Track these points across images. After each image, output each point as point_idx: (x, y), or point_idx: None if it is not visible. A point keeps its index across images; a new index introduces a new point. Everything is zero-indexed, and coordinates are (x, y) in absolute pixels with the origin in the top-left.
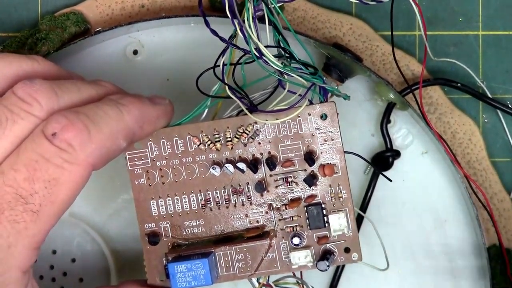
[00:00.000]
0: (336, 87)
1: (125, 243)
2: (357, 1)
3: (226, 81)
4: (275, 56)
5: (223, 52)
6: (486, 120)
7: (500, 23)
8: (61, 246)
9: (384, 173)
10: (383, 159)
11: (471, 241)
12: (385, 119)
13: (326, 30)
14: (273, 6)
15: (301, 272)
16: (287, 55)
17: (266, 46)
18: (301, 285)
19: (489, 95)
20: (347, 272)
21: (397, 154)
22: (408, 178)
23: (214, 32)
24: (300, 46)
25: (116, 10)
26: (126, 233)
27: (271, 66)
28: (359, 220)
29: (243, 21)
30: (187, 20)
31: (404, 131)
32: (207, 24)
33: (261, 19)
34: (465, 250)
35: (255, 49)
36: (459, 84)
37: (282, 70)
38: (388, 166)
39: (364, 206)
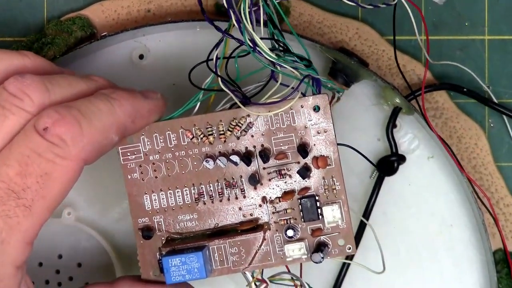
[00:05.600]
0: (334, 84)
1: (131, 247)
2: (363, 6)
3: (219, 74)
4: (270, 49)
5: (217, 45)
6: (492, 125)
7: (506, 28)
8: (67, 250)
9: (390, 177)
10: (388, 164)
11: (477, 245)
12: (391, 123)
13: (332, 34)
14: None
15: (301, 271)
16: (281, 47)
17: (261, 38)
18: (295, 281)
19: (495, 100)
20: (350, 277)
21: (402, 158)
22: (414, 182)
23: (210, 21)
24: (304, 50)
25: (122, 14)
26: (132, 238)
27: (265, 57)
28: (362, 224)
29: (239, 12)
30: (193, 24)
31: (410, 136)
32: (203, 12)
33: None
34: (471, 255)
35: (249, 40)
36: (465, 89)
37: (276, 62)
38: (393, 170)
39: (368, 210)
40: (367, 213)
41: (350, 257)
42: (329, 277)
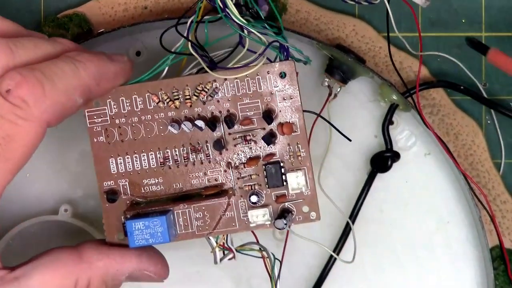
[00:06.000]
0: (302, 54)
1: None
2: (352, 2)
3: (189, 38)
4: (241, 15)
5: (190, 10)
6: (489, 122)
7: (503, 25)
8: None
9: (387, 174)
10: (381, 160)
11: (474, 242)
12: (387, 120)
13: (329, 31)
14: None
15: (282, 257)
16: (250, 13)
17: (235, 4)
18: (262, 252)
19: (492, 97)
20: (347, 273)
21: (396, 155)
22: (410, 179)
23: None
24: (303, 46)
25: (119, 11)
26: None
27: (234, 20)
28: (352, 219)
29: None
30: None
31: (407, 133)
32: None
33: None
34: (468, 252)
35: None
36: (461, 87)
37: (244, 26)
38: (387, 167)
39: (358, 205)
40: (356, 208)
41: (336, 251)
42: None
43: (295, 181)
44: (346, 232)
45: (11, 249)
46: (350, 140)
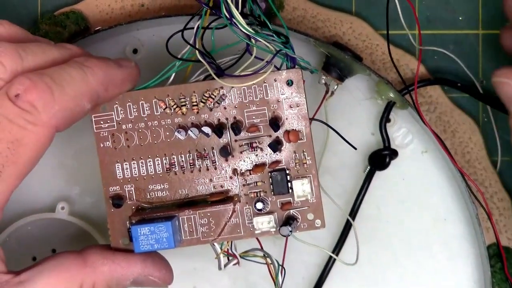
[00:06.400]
0: (309, 64)
1: None
2: None
3: (196, 45)
4: (248, 23)
5: (195, 16)
6: (486, 119)
7: (500, 22)
8: (60, 245)
9: (384, 172)
10: (379, 158)
11: (471, 240)
12: (384, 118)
13: (326, 29)
14: None
15: (283, 259)
16: (257, 22)
17: (241, 14)
18: (266, 258)
19: (489, 95)
20: (345, 272)
21: (394, 153)
22: (408, 177)
23: None
24: (300, 44)
25: (116, 9)
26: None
27: (242, 30)
28: (351, 217)
29: None
30: (187, 19)
31: (404, 130)
32: None
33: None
34: (465, 249)
35: (226, 10)
36: (459, 84)
37: (251, 35)
38: (385, 165)
39: (357, 203)
40: (355, 206)
41: (336, 251)
42: (318, 270)
43: (301, 188)
44: (346, 230)
45: (8, 247)
46: (355, 149)
